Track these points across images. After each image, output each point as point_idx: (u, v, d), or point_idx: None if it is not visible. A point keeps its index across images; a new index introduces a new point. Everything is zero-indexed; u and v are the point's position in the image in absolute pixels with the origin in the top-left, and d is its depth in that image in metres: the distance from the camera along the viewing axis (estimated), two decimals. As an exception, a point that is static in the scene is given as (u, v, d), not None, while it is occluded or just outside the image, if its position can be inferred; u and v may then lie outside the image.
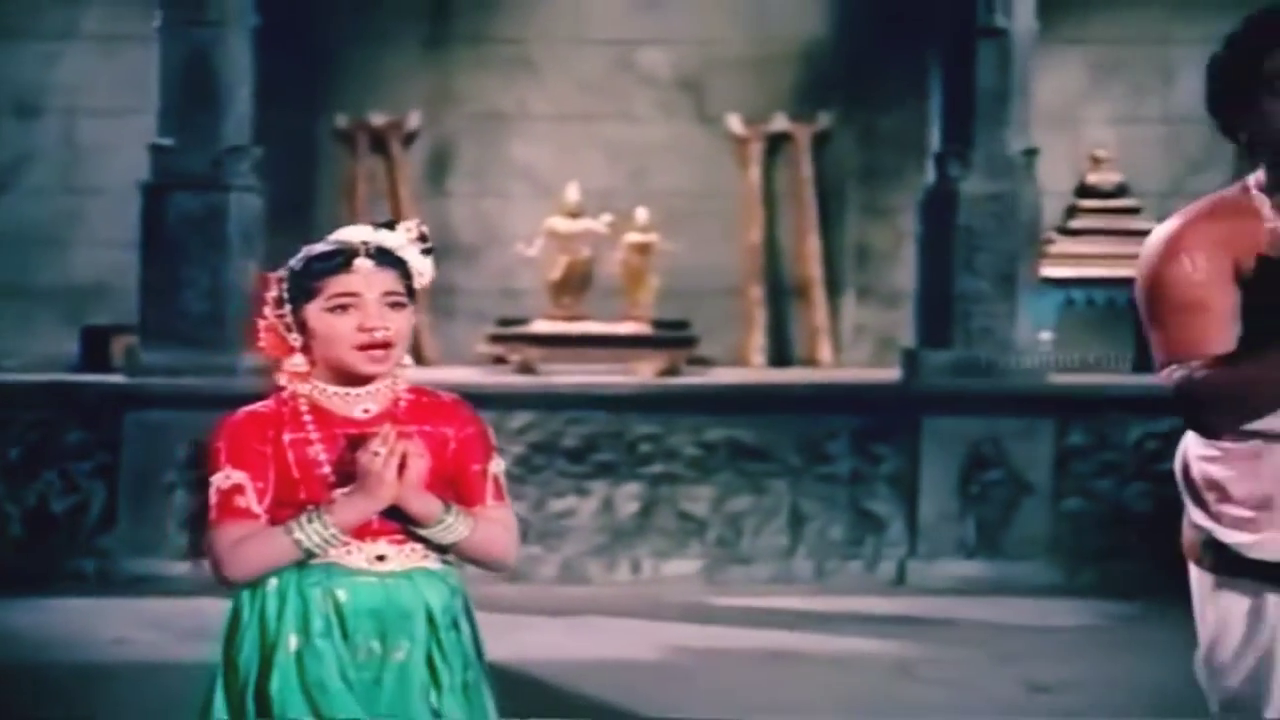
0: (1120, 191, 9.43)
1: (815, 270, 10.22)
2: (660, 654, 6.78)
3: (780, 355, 10.25)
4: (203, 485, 7.51)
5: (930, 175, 8.73)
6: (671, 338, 9.33)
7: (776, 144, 10.35)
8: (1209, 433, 2.90)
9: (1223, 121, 2.95)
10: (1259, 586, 2.88)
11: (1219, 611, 2.95)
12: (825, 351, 10.15)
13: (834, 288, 10.28)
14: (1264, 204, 2.91)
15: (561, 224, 9.41)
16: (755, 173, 10.29)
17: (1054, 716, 5.77)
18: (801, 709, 5.91)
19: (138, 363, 8.31)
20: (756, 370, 9.95)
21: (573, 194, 9.45)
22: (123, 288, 9.69)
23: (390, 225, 3.02)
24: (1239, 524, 2.88)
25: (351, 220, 9.68)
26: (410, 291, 2.92)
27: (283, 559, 2.85)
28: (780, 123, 10.28)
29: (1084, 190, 9.53)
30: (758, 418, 8.46)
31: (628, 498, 8.40)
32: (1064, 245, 9.23)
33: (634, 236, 9.42)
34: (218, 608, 7.20)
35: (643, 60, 10.35)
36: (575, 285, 9.40)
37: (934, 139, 8.79)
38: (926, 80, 8.99)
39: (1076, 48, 10.18)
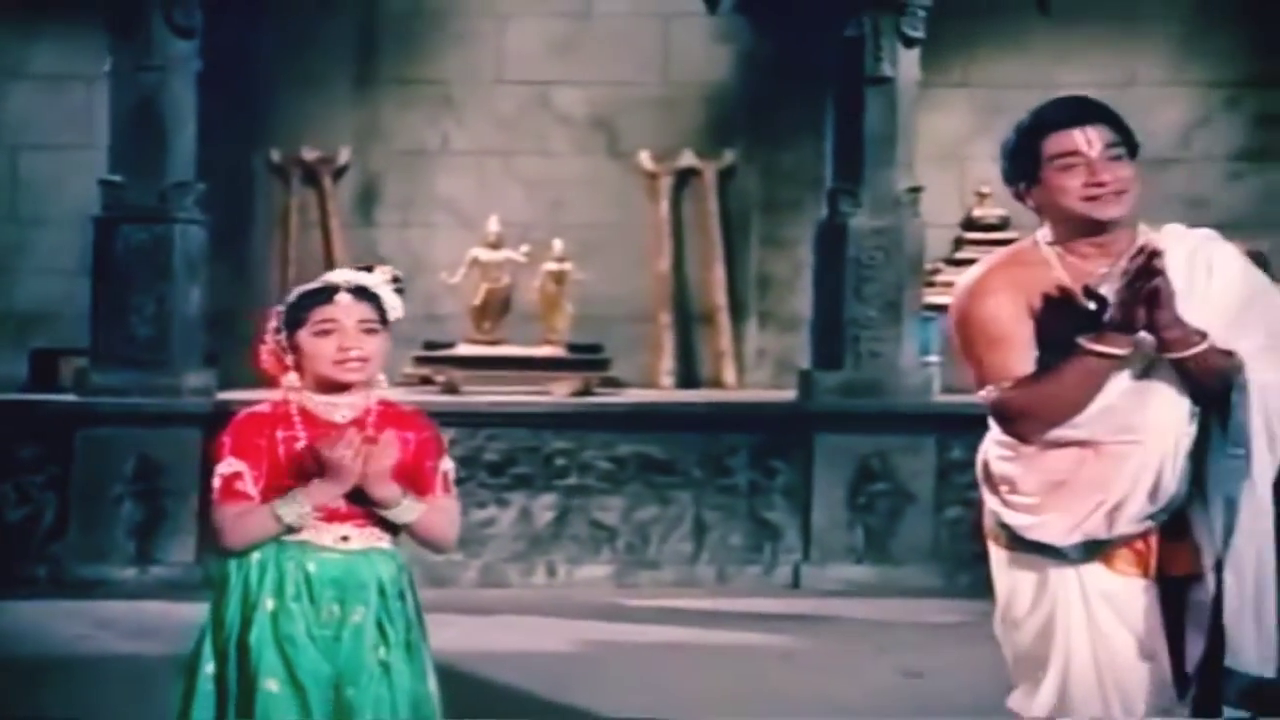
0: (1003, 224, 9.86)
1: (720, 297, 10.67)
2: (572, 647, 7.22)
3: (687, 377, 10.65)
4: (148, 496, 8.05)
5: (823, 211, 9.20)
6: (585, 360, 9.72)
7: (684, 179, 10.78)
8: (1021, 439, 3.52)
9: (1015, 191, 3.58)
10: (1041, 561, 3.51)
11: (1011, 581, 3.60)
12: (730, 374, 10.58)
13: (738, 314, 10.71)
14: (1051, 255, 3.54)
15: (483, 254, 9.83)
16: (664, 206, 10.73)
17: (922, 698, 6.28)
18: (694, 691, 6.38)
19: (88, 383, 8.60)
20: (665, 391, 10.32)
21: (493, 225, 9.88)
22: (67, 313, 9.99)
23: (369, 269, 3.69)
24: (1024, 510, 3.52)
25: (284, 248, 10.22)
26: (384, 321, 3.56)
27: (270, 531, 3.46)
28: (688, 159, 10.73)
29: (969, 223, 10.04)
30: (664, 434, 8.87)
31: (544, 508, 8.81)
32: (950, 274, 9.55)
33: (550, 265, 9.85)
34: (161, 609, 7.74)
35: (558, 100, 10.76)
36: (495, 311, 9.82)
37: (828, 177, 9.26)
38: (823, 121, 9.45)
39: (962, 91, 10.73)
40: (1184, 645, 3.46)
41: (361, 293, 3.57)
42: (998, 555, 3.65)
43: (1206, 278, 3.47)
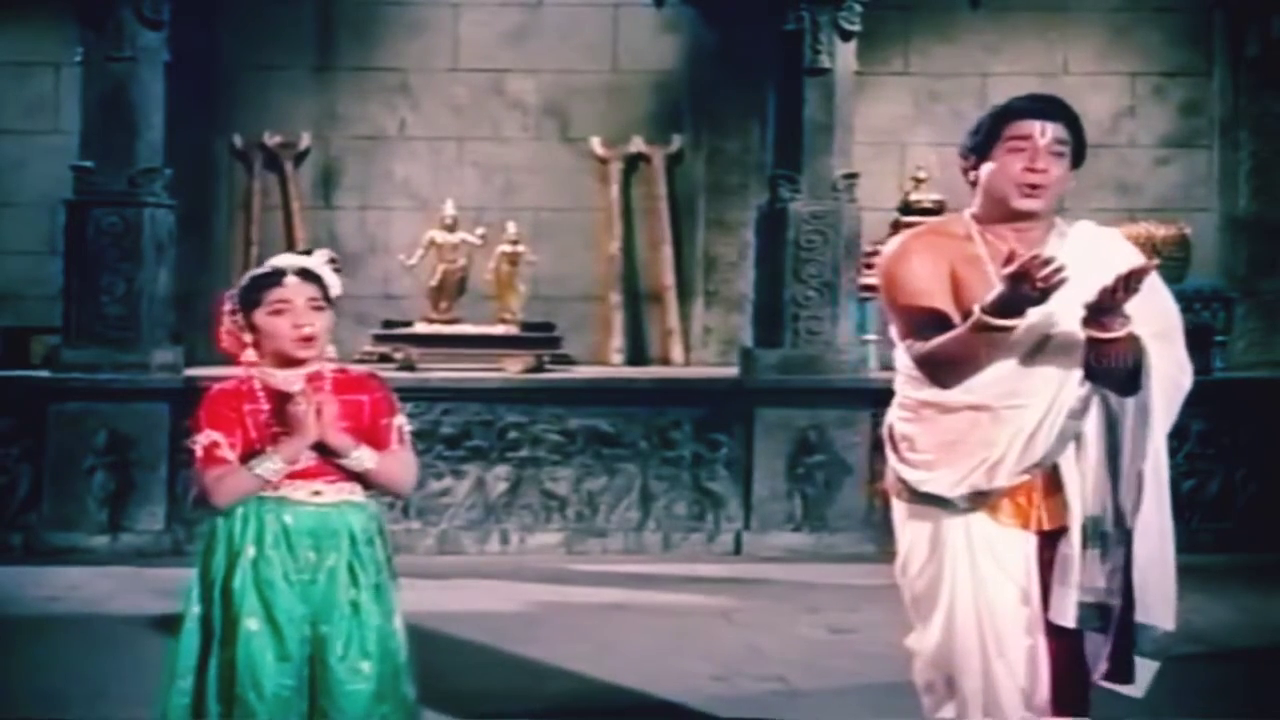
0: (939, 208, 9.99)
1: (668, 278, 11.01)
2: (523, 607, 7.55)
3: (636, 355, 10.98)
4: (119, 467, 8.37)
5: (764, 196, 9.52)
6: (537, 338, 10.01)
7: (634, 164, 11.12)
8: (942, 388, 3.85)
9: (965, 163, 3.94)
10: (936, 512, 3.90)
11: (911, 532, 3.99)
12: (677, 351, 10.92)
13: (685, 294, 11.05)
14: (973, 228, 3.90)
15: (439, 236, 10.13)
16: (614, 190, 11.06)
17: (847, 651, 6.61)
18: (636, 645, 6.72)
19: (60, 360, 8.87)
20: (614, 368, 10.61)
21: (449, 209, 10.18)
22: (33, 293, 10.34)
23: (308, 253, 4.08)
24: (920, 466, 3.91)
25: (247, 230, 10.49)
26: (327, 299, 3.97)
27: (250, 489, 3.87)
28: (637, 145, 11.07)
29: (907, 207, 10.25)
30: (612, 409, 9.18)
31: (497, 479, 9.11)
32: (887, 256, 10.02)
33: (504, 247, 10.16)
34: (131, 573, 7.95)
35: (512, 87, 11.09)
36: (451, 291, 10.14)
37: (769, 163, 9.55)
38: (766, 109, 9.74)
39: (902, 79, 11.12)
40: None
41: (306, 274, 3.97)
42: (899, 509, 4.05)
43: (1105, 270, 3.75)
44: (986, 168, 3.89)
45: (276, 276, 3.96)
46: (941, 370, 3.83)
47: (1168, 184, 11.31)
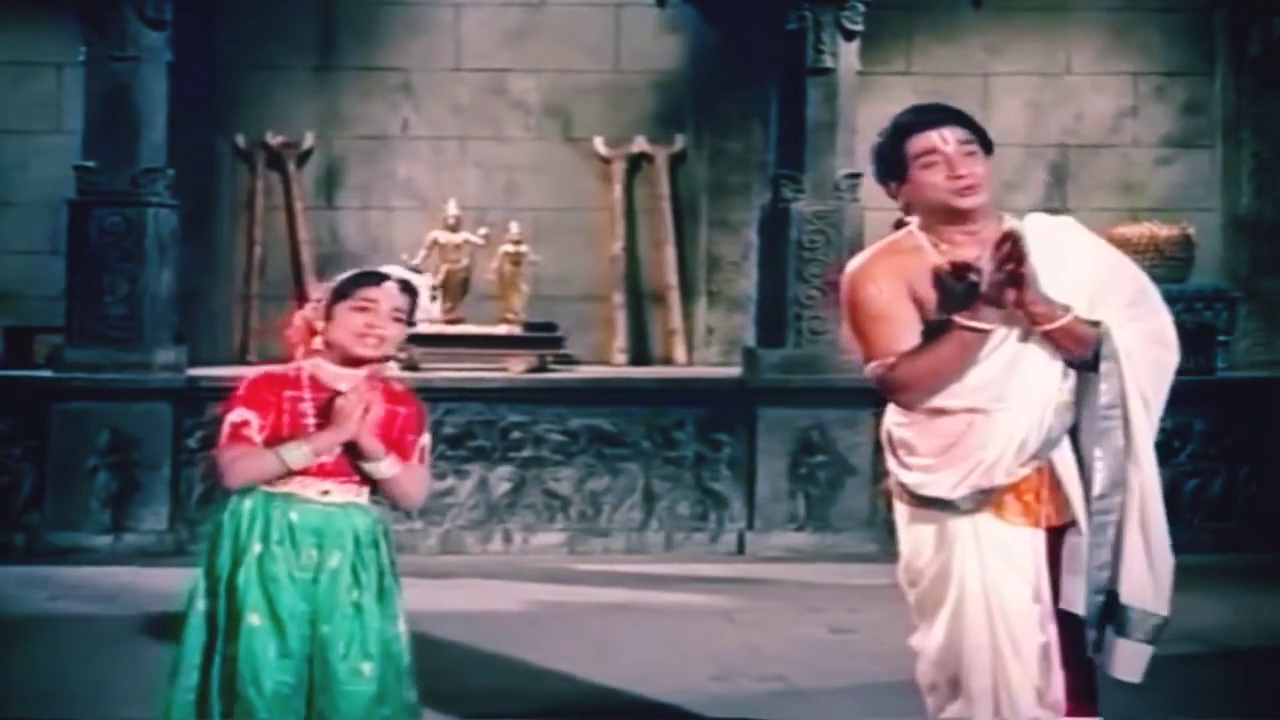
0: None
1: (671, 278, 11.02)
2: (525, 607, 7.57)
3: (639, 355, 10.99)
4: (121, 467, 8.35)
5: (767, 196, 9.56)
6: (540, 338, 10.00)
7: (636, 164, 11.13)
8: (906, 407, 3.92)
9: (887, 189, 3.96)
10: (940, 514, 3.88)
11: (913, 534, 3.97)
12: (680, 351, 10.94)
13: (688, 293, 11.07)
14: (925, 242, 3.90)
15: (442, 236, 10.14)
16: (617, 190, 11.07)
17: (848, 651, 6.62)
18: (636, 644, 6.73)
19: (63, 360, 8.88)
20: (617, 368, 10.63)
21: (451, 209, 10.20)
22: (35, 293, 10.35)
23: (418, 270, 4.12)
24: (920, 470, 3.91)
25: (250, 230, 10.48)
26: (411, 318, 4.01)
27: (267, 472, 3.87)
28: (640, 145, 11.08)
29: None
30: (615, 409, 9.19)
31: (500, 479, 9.12)
32: (889, 256, 10.04)
33: (507, 247, 10.17)
34: (131, 573, 7.94)
35: (514, 87, 11.10)
36: (454, 291, 10.11)
37: (772, 163, 9.57)
38: (769, 108, 9.75)
39: (905, 79, 11.09)
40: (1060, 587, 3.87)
41: (407, 286, 4.01)
42: (901, 511, 4.04)
43: (1063, 259, 3.83)
44: (910, 189, 3.89)
45: (377, 278, 4.01)
46: (911, 390, 3.84)
47: (1170, 184, 11.32)
